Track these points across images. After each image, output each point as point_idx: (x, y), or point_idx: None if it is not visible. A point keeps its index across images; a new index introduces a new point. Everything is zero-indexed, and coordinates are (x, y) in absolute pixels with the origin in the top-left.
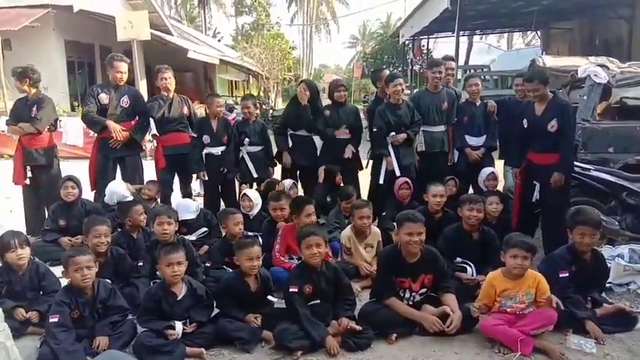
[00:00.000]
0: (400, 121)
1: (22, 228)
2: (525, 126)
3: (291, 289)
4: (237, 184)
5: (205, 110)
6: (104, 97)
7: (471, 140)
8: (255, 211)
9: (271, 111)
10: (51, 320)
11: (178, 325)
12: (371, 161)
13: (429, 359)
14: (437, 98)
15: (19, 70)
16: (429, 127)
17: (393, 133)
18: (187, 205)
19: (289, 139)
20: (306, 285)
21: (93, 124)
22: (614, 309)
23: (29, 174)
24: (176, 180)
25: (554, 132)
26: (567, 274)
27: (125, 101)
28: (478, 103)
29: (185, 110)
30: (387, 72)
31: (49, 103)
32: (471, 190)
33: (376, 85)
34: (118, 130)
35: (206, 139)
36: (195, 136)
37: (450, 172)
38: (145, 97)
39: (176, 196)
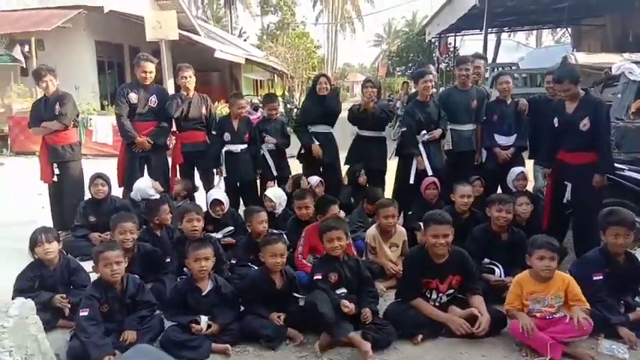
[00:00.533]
0: (430, 118)
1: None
2: (556, 125)
3: (315, 277)
4: (258, 182)
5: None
6: (133, 97)
7: (501, 139)
8: (280, 209)
9: (295, 110)
10: (81, 314)
11: (203, 319)
12: (395, 161)
13: None
14: (466, 96)
15: (42, 67)
16: (457, 125)
17: (424, 132)
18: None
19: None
20: (331, 273)
21: (124, 134)
22: None
23: (56, 171)
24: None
25: (587, 131)
26: (601, 277)
27: (153, 100)
28: (509, 102)
29: (204, 110)
30: (431, 67)
31: (71, 98)
32: (499, 191)
33: None
34: (143, 144)
35: (227, 136)
36: (215, 133)
37: (478, 171)
38: None
39: (201, 194)
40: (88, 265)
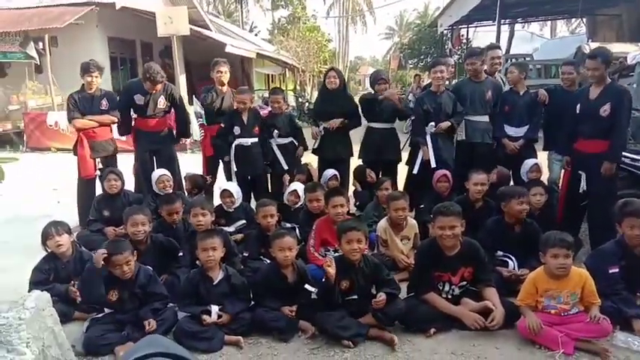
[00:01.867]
0: (440, 109)
1: (68, 218)
2: (578, 111)
3: (324, 279)
4: (268, 176)
5: None
6: (140, 98)
7: (510, 130)
8: (299, 203)
9: (307, 104)
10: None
11: (214, 309)
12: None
13: (469, 353)
14: (480, 87)
15: (92, 62)
16: (472, 116)
17: (432, 123)
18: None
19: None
20: (343, 280)
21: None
22: None
23: (99, 165)
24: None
25: (606, 117)
26: (617, 270)
27: (162, 102)
28: (522, 92)
29: (234, 104)
30: (449, 59)
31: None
32: (511, 182)
33: None
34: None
35: (237, 129)
36: (224, 126)
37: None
38: (184, 93)
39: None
40: None
